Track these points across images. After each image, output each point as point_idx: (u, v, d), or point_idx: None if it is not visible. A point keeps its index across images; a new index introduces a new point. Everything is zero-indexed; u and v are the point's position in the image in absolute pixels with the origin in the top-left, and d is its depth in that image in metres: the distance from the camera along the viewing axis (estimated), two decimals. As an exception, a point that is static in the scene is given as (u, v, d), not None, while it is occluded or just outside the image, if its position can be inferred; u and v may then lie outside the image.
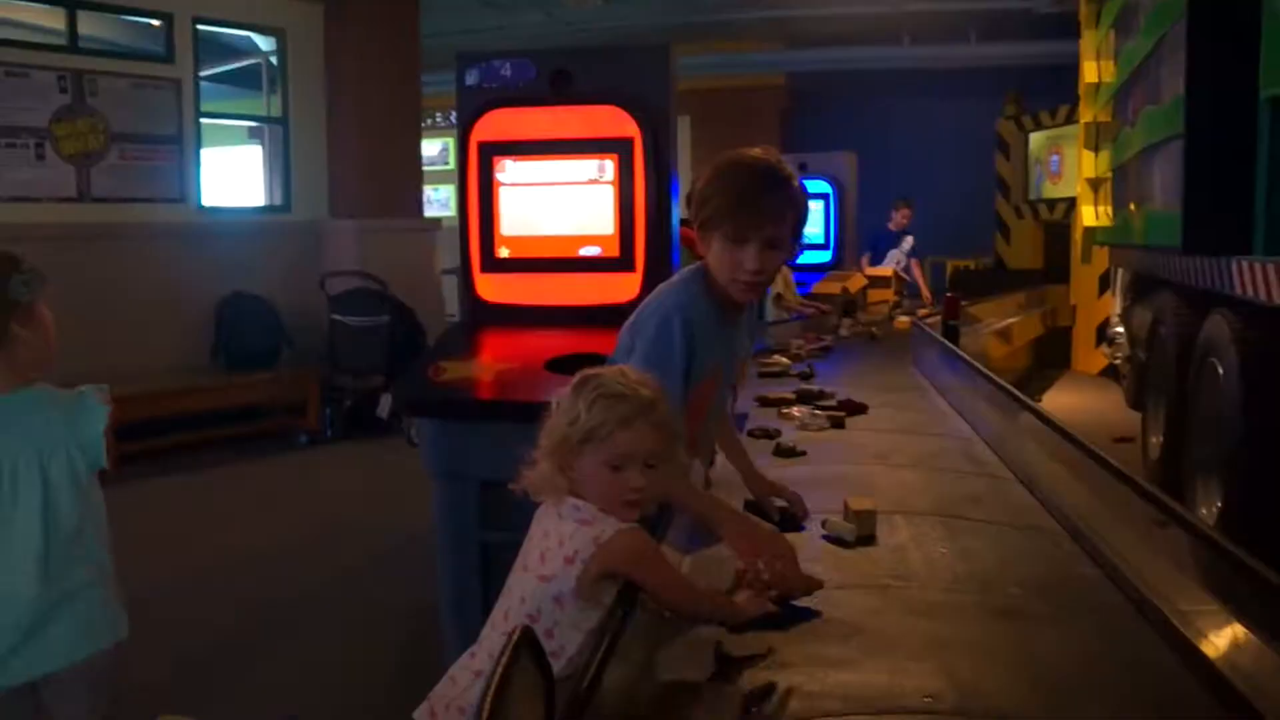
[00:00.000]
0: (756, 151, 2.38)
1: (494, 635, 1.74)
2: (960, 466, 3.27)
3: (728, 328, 2.35)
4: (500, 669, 1.08)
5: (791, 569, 1.91)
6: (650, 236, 4.42)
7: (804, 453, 3.34)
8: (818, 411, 3.94)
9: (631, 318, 2.32)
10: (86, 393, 2.39)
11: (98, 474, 2.32)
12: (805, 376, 4.89)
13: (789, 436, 3.57)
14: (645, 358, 2.15)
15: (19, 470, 2.18)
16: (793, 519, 2.49)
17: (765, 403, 4.21)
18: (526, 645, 1.18)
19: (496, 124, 4.51)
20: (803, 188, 2.43)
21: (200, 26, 8.26)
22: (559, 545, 1.71)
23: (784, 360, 5.33)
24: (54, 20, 7.78)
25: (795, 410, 3.99)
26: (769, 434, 3.62)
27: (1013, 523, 2.61)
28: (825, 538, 2.37)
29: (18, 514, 2.16)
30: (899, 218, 10.26)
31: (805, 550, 2.20)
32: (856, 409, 4.05)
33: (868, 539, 2.34)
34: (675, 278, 2.42)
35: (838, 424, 3.83)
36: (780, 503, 2.53)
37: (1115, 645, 1.86)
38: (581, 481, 1.74)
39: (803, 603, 1.90)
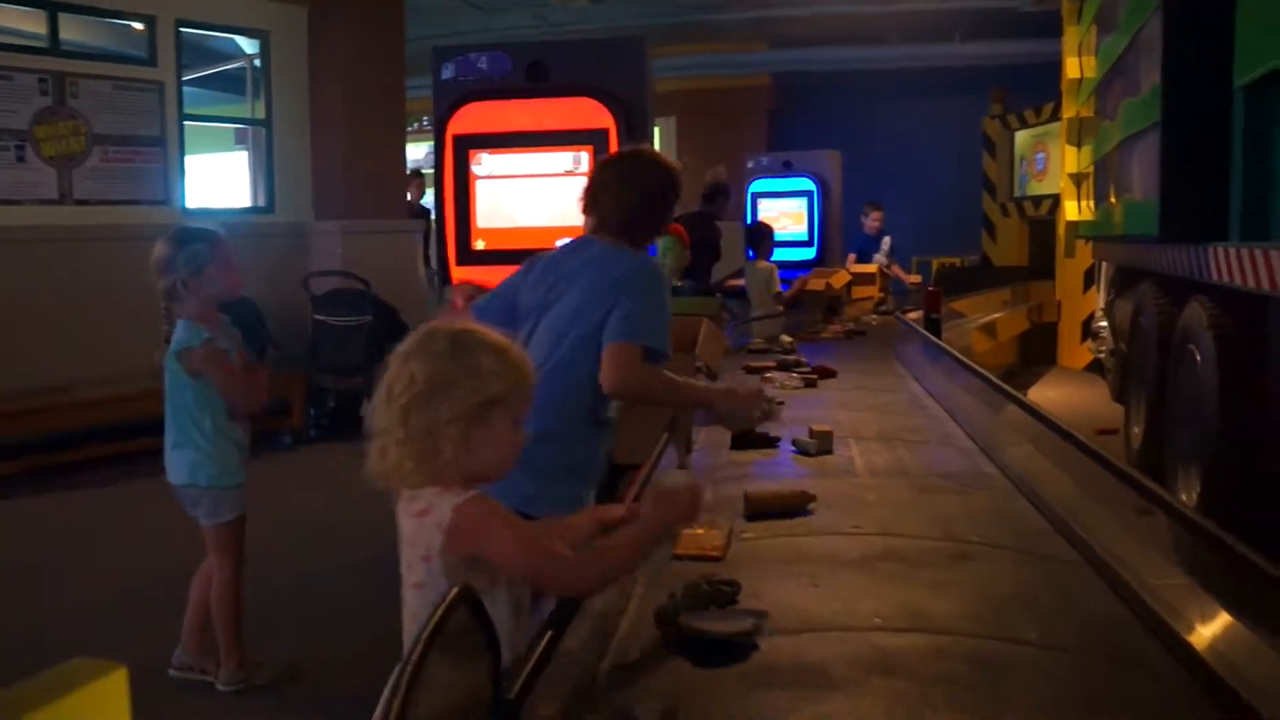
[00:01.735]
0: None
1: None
2: (908, 411, 4.21)
3: None
4: (432, 623, 1.07)
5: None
6: (627, 228, 4.43)
7: (782, 403, 3.91)
8: (794, 374, 4.80)
9: (613, 273, 2.61)
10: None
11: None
12: (787, 353, 5.60)
13: (769, 393, 3.93)
14: (648, 317, 2.57)
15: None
16: (764, 437, 3.38)
17: (750, 370, 5.00)
18: (464, 602, 1.17)
19: (472, 117, 4.52)
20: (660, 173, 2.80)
21: (184, 29, 8.25)
22: (411, 546, 1.61)
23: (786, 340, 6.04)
24: (35, 24, 7.76)
25: (775, 375, 4.82)
26: None
27: (941, 443, 3.59)
28: (793, 451, 3.32)
29: None
30: (871, 221, 10.27)
31: (778, 459, 3.28)
32: (827, 374, 4.89)
33: (825, 451, 3.29)
34: (627, 253, 2.72)
35: (810, 384, 4.69)
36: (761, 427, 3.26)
37: (1006, 514, 2.70)
38: (482, 448, 1.60)
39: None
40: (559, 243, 2.91)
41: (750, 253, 8.27)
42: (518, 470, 1.75)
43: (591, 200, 2.78)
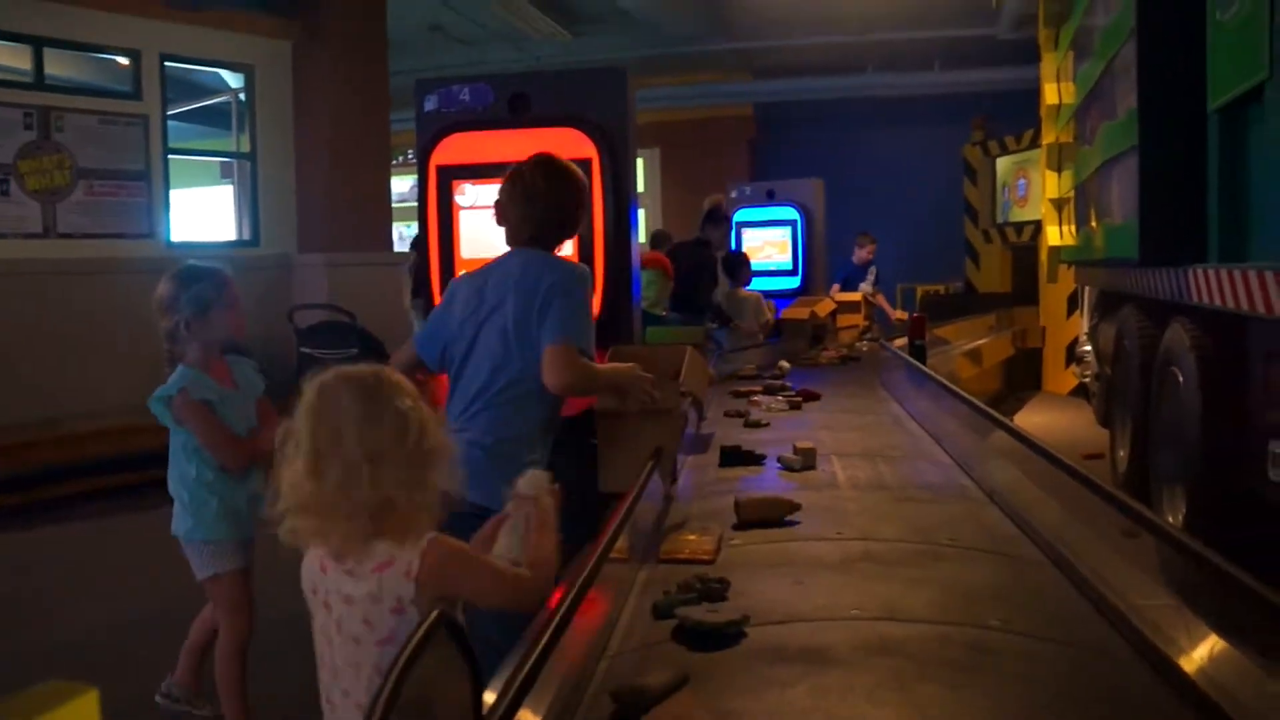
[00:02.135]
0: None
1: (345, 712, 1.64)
2: (889, 430, 4.44)
3: None
4: (411, 646, 1.06)
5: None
6: (608, 258, 4.42)
7: (768, 424, 4.44)
8: (780, 397, 5.04)
9: (543, 280, 2.75)
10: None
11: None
12: (775, 377, 5.87)
13: (756, 415, 4.63)
14: (579, 318, 2.74)
15: None
16: (751, 454, 3.67)
17: (737, 394, 5.29)
18: (443, 626, 1.17)
19: (455, 148, 4.51)
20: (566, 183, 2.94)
21: (168, 63, 8.28)
22: (374, 603, 1.58)
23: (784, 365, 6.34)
24: (20, 59, 7.79)
25: (761, 398, 5.07)
26: (741, 414, 4.70)
27: (921, 458, 3.79)
28: (779, 468, 3.52)
29: None
30: (863, 253, 10.23)
31: (765, 474, 3.50)
32: (811, 397, 5.09)
33: (809, 467, 3.49)
34: (547, 258, 2.89)
35: (795, 407, 4.90)
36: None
37: (978, 520, 2.90)
38: (424, 495, 1.62)
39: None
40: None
41: (730, 282, 8.28)
42: (495, 475, 1.85)
43: (500, 213, 2.94)
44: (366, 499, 1.56)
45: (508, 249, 2.98)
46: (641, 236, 6.63)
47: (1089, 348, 7.91)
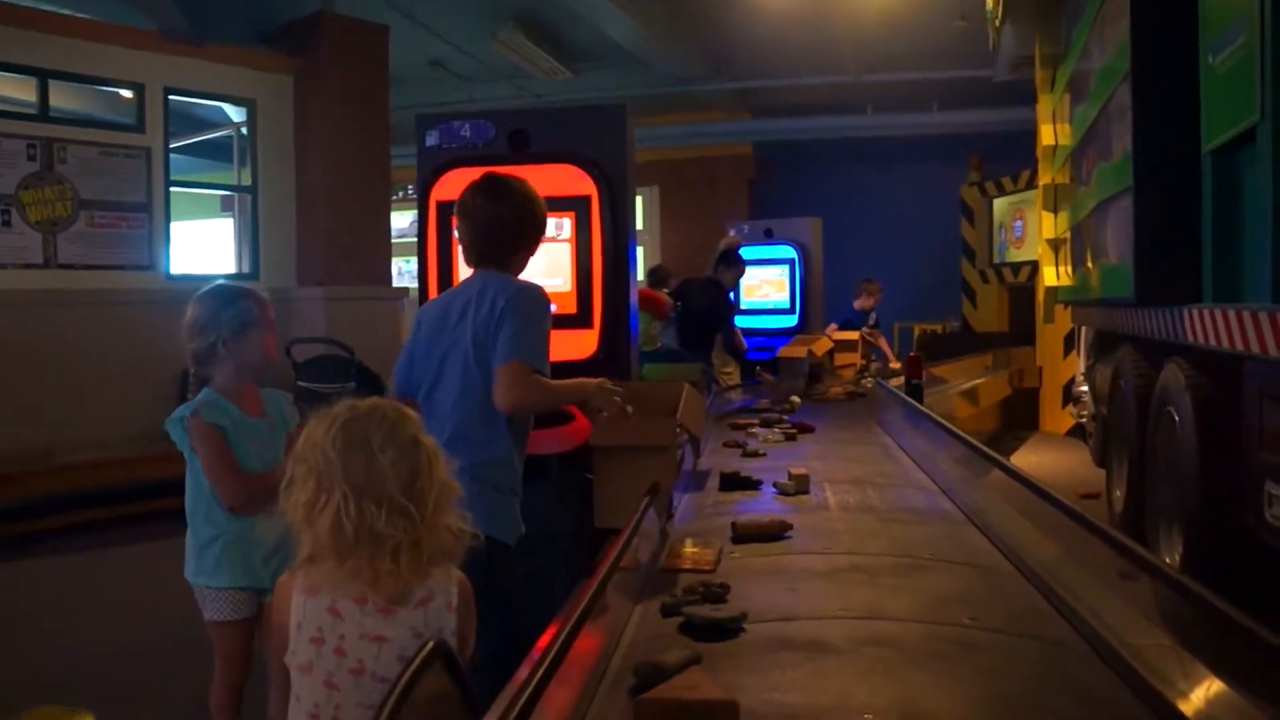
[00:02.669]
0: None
1: None
2: (880, 460, 4.69)
3: None
4: (408, 674, 1.06)
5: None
6: (607, 293, 4.44)
7: (765, 454, 4.72)
8: (776, 430, 5.33)
9: (498, 302, 2.76)
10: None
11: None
12: (770, 410, 6.18)
13: (753, 446, 4.92)
14: (530, 336, 2.72)
15: None
16: (749, 480, 3.93)
17: (735, 426, 5.59)
18: (439, 657, 1.17)
19: (456, 183, 4.52)
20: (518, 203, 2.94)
21: (172, 96, 8.34)
22: (416, 638, 1.56)
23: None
24: (26, 91, 7.85)
25: (758, 430, 5.37)
26: (739, 444, 4.97)
27: (908, 485, 4.06)
28: (774, 492, 3.76)
29: None
30: (865, 300, 10.10)
31: (761, 498, 3.73)
32: (806, 430, 5.38)
33: (802, 492, 3.72)
34: (504, 278, 2.87)
35: (791, 438, 5.18)
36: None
37: (957, 538, 3.16)
38: (449, 528, 1.65)
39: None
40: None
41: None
42: (477, 500, 1.89)
43: (459, 234, 2.97)
44: (402, 534, 1.56)
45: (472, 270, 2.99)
46: (640, 274, 6.67)
47: (1085, 388, 7.92)
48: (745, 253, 10.18)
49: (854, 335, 9.93)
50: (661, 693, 1.83)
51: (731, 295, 8.04)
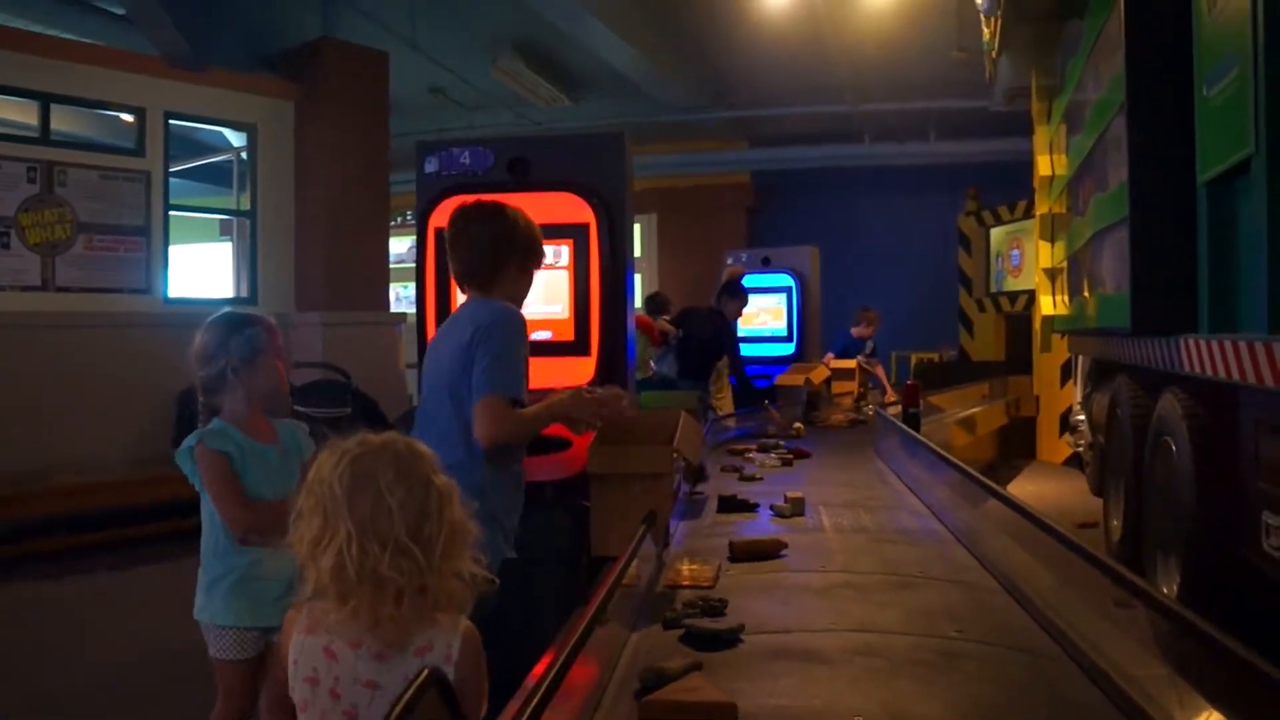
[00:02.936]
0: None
1: None
2: (874, 485, 4.90)
3: None
4: (402, 702, 1.05)
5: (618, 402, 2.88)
6: (605, 320, 4.45)
7: (761, 478, 4.95)
8: (773, 455, 5.57)
9: (470, 330, 2.74)
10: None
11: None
12: (768, 436, 6.46)
13: (751, 470, 5.14)
14: (503, 366, 2.68)
15: None
16: (746, 503, 4.15)
17: (733, 452, 5.80)
18: (434, 685, 1.16)
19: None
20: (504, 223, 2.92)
21: (173, 121, 8.38)
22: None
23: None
24: (27, 115, 7.89)
25: (755, 455, 5.60)
26: (736, 469, 5.21)
27: (900, 508, 4.27)
28: (770, 514, 3.98)
29: None
30: (863, 328, 10.05)
31: (758, 520, 3.94)
32: (802, 455, 5.64)
33: (798, 514, 3.94)
34: (485, 304, 2.85)
35: (787, 463, 5.43)
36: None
37: (945, 557, 3.35)
38: (456, 575, 1.58)
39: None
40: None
41: None
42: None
43: (449, 261, 2.97)
44: (405, 578, 1.50)
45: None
46: (637, 301, 6.68)
47: (1082, 417, 7.92)
48: (743, 280, 10.18)
49: (851, 364, 9.95)
50: (664, 695, 1.99)
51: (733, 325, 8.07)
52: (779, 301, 11.00)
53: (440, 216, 4.54)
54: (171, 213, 8.40)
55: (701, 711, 1.95)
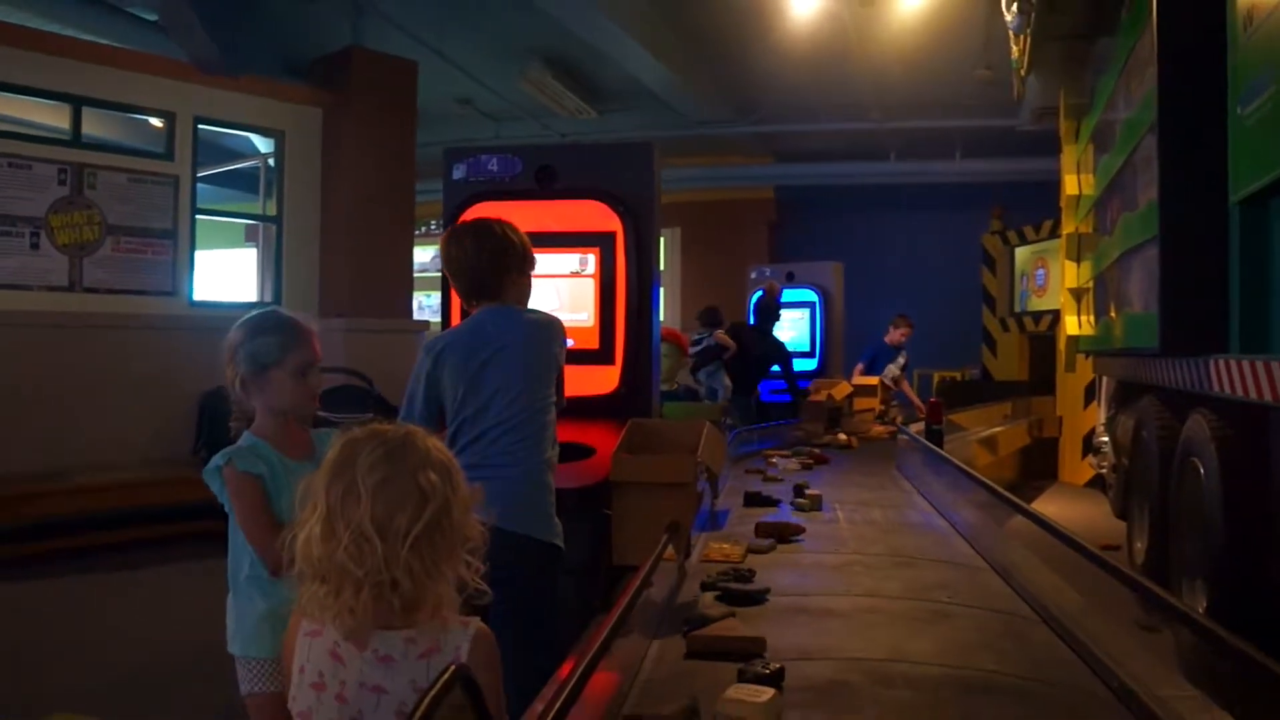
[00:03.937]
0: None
1: None
2: (888, 489, 5.50)
3: None
4: (428, 699, 1.04)
5: None
6: (630, 329, 4.44)
7: (783, 479, 5.50)
8: (794, 460, 6.24)
9: (527, 336, 3.06)
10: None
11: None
12: (790, 443, 7.09)
13: (774, 472, 5.79)
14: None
15: None
16: (769, 498, 4.79)
17: (765, 455, 6.46)
18: (460, 682, 1.15)
19: (481, 217, 4.57)
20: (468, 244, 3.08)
21: (202, 126, 8.44)
22: (415, 691, 1.46)
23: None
24: (59, 118, 7.96)
25: (778, 459, 6.29)
26: (760, 470, 5.85)
27: (910, 507, 4.90)
28: (793, 508, 4.60)
29: None
30: (896, 334, 10.15)
31: (779, 513, 4.52)
32: (821, 461, 6.32)
33: (815, 509, 4.58)
34: (516, 312, 3.08)
35: (808, 467, 6.07)
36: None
37: (945, 545, 4.04)
38: (435, 579, 1.51)
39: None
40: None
41: None
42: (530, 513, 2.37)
43: (452, 284, 3.15)
44: (374, 574, 1.44)
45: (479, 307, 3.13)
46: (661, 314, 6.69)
47: (1106, 438, 7.85)
48: (765, 295, 10.16)
49: (874, 380, 9.92)
50: (707, 631, 2.50)
51: None
52: (802, 316, 10.99)
53: (467, 223, 4.56)
54: (198, 217, 8.45)
55: (737, 643, 2.42)
